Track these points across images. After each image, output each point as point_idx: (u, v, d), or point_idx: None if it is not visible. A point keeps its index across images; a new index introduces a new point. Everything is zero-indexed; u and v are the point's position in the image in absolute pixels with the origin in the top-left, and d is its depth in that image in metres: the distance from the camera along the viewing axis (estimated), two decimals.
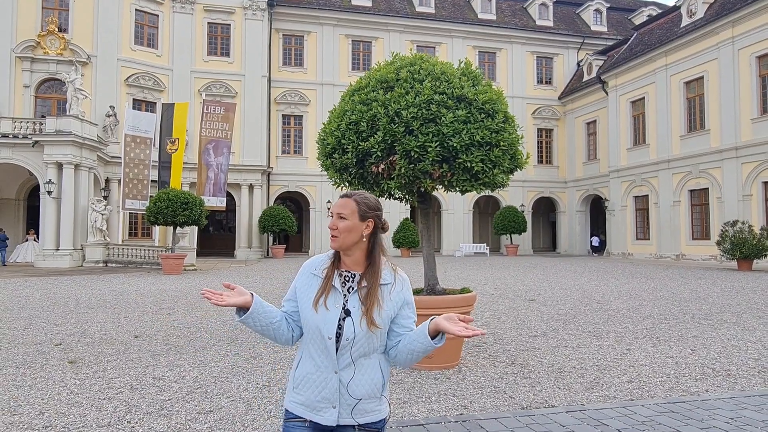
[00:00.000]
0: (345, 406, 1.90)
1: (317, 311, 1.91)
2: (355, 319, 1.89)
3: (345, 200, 1.97)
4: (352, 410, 1.90)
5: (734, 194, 23.15)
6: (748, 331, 8.07)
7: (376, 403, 1.95)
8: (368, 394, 1.92)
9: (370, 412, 1.93)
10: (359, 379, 1.91)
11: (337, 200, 2.01)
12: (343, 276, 1.97)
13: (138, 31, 28.45)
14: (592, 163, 33.99)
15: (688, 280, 16.17)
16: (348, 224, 1.94)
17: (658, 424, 4.16)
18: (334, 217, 1.96)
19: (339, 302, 1.92)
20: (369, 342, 1.91)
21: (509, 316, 9.56)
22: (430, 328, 1.87)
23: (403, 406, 4.69)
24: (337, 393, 1.90)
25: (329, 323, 1.89)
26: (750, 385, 5.29)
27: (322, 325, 1.90)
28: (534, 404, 4.73)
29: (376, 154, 5.40)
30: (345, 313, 1.91)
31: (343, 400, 1.90)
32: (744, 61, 22.99)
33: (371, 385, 1.93)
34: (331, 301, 1.92)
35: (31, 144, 22.09)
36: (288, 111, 32.20)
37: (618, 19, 39.31)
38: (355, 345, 1.89)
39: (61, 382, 5.44)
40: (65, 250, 21.90)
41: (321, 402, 1.91)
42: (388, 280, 1.98)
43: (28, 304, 11.11)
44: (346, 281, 1.97)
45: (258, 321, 1.96)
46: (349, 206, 1.96)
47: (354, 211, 1.95)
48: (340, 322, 1.90)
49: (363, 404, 1.91)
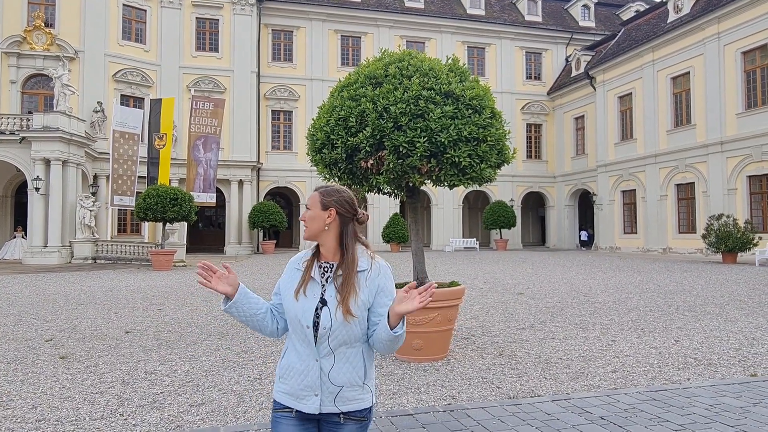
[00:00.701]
0: (327, 394, 1.94)
1: (297, 301, 1.97)
2: (331, 309, 1.93)
3: (312, 193, 2.08)
4: (335, 398, 1.94)
5: (719, 188, 23.46)
6: (730, 321, 8.24)
7: (359, 391, 1.97)
8: (350, 382, 1.95)
9: (352, 400, 1.96)
10: (340, 368, 1.94)
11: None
12: (322, 267, 2.03)
13: (125, 26, 28.22)
14: (580, 157, 34.25)
15: (674, 273, 16.41)
16: (311, 213, 2.03)
17: (640, 412, 4.28)
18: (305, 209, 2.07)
19: (317, 292, 1.97)
20: (347, 331, 1.94)
21: (498, 309, 9.68)
22: (390, 316, 1.90)
23: (393, 396, 4.78)
24: (319, 381, 1.94)
25: (307, 312, 1.94)
26: (730, 374, 5.43)
27: (301, 315, 1.95)
28: (521, 394, 4.84)
29: (364, 149, 5.47)
30: (322, 303, 1.95)
31: (325, 388, 1.94)
32: (729, 57, 23.26)
33: (352, 373, 1.96)
34: (309, 290, 1.98)
35: (18, 140, 21.89)
36: (277, 106, 32.13)
37: (606, 15, 39.56)
38: (332, 334, 1.93)
39: (53, 377, 5.48)
40: (53, 246, 21.76)
41: (304, 390, 1.95)
42: (364, 266, 2.00)
43: (18, 301, 11.07)
44: (324, 272, 2.01)
45: (242, 311, 2.04)
46: (313, 198, 2.06)
47: (316, 201, 2.04)
48: (318, 312, 1.94)
49: (345, 392, 1.95)
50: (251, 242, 30.29)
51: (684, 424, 4.00)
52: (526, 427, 3.98)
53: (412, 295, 1.85)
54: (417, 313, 5.84)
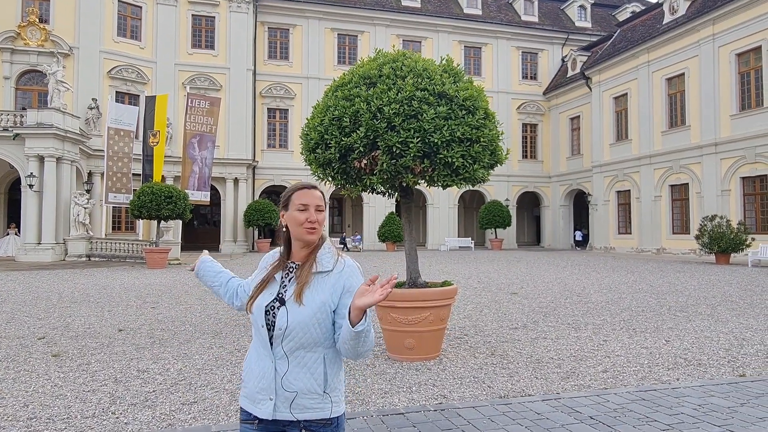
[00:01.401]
0: (282, 399, 1.83)
1: (252, 306, 1.91)
2: (289, 308, 1.83)
3: (315, 191, 1.94)
4: (290, 404, 1.82)
5: (713, 189, 23.58)
6: (721, 322, 8.30)
7: (318, 400, 1.84)
8: (306, 389, 1.82)
9: (310, 409, 1.83)
10: (295, 373, 1.83)
11: (302, 191, 1.93)
12: (288, 267, 1.95)
13: (121, 23, 28.13)
14: (575, 158, 34.36)
15: (667, 273, 16.49)
16: (324, 216, 1.95)
17: (629, 411, 4.32)
18: (312, 210, 1.89)
19: (274, 291, 1.90)
20: (305, 334, 1.82)
21: (491, 308, 9.72)
22: (351, 311, 1.75)
23: (385, 396, 4.80)
24: (274, 384, 1.83)
25: (260, 311, 1.88)
26: (719, 374, 5.48)
27: (256, 314, 1.89)
28: (511, 393, 4.87)
29: (358, 149, 5.48)
30: (279, 302, 1.86)
31: (280, 392, 1.83)
32: (724, 58, 23.38)
33: (310, 380, 1.83)
34: (268, 290, 1.91)
35: (11, 137, 21.79)
36: (273, 105, 32.10)
37: (602, 16, 39.69)
38: (287, 335, 1.82)
39: (45, 375, 5.48)
40: (47, 244, 21.69)
41: (260, 393, 1.86)
42: (327, 267, 1.89)
43: (10, 298, 11.04)
44: (289, 272, 1.93)
45: (203, 278, 2.24)
46: (322, 198, 1.96)
47: (323, 200, 1.95)
48: (274, 311, 1.85)
49: (301, 399, 1.82)
50: (246, 240, 30.26)
51: (672, 424, 4.04)
52: (516, 427, 4.01)
53: (374, 288, 1.71)
54: (410, 313, 5.87)
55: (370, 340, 1.81)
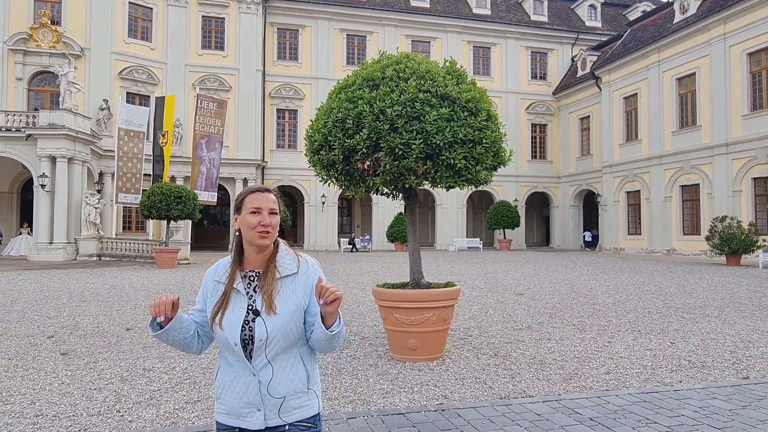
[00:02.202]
0: (270, 407, 1.82)
1: (222, 322, 1.82)
2: (265, 318, 1.80)
3: (268, 194, 1.89)
4: (278, 410, 1.82)
5: (724, 190, 23.38)
6: (728, 324, 8.25)
7: (304, 398, 1.86)
8: (292, 390, 1.84)
9: (298, 408, 1.85)
10: (279, 378, 1.82)
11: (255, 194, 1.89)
12: (247, 276, 1.88)
13: (132, 24, 28.40)
14: (585, 158, 34.19)
15: (676, 274, 16.38)
16: (278, 219, 1.89)
17: (630, 413, 4.32)
18: (265, 213, 1.85)
19: (243, 305, 1.83)
20: (285, 339, 1.82)
21: (497, 309, 9.72)
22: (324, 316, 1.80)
23: (386, 396, 4.83)
24: (259, 395, 1.81)
25: (233, 329, 1.81)
26: (723, 377, 5.45)
27: (228, 334, 1.81)
28: (512, 394, 4.88)
29: (361, 150, 5.52)
30: (254, 314, 1.82)
31: (267, 402, 1.81)
32: (735, 58, 23.17)
33: (294, 381, 1.84)
34: (235, 306, 1.83)
35: (24, 137, 22.08)
36: (282, 105, 32.24)
37: (612, 15, 39.46)
38: (269, 344, 1.80)
39: (53, 373, 5.56)
40: (59, 243, 21.95)
41: (245, 407, 1.83)
42: (292, 269, 1.88)
43: (21, 297, 11.20)
44: (251, 281, 1.87)
45: (172, 337, 1.86)
46: (276, 201, 1.90)
47: (278, 205, 1.91)
48: (251, 324, 1.81)
49: (289, 402, 1.83)
50: None
51: (671, 426, 4.03)
52: (515, 427, 4.02)
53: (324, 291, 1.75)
54: (413, 313, 5.90)
55: (344, 335, 1.86)
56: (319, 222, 32.23)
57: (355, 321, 8.47)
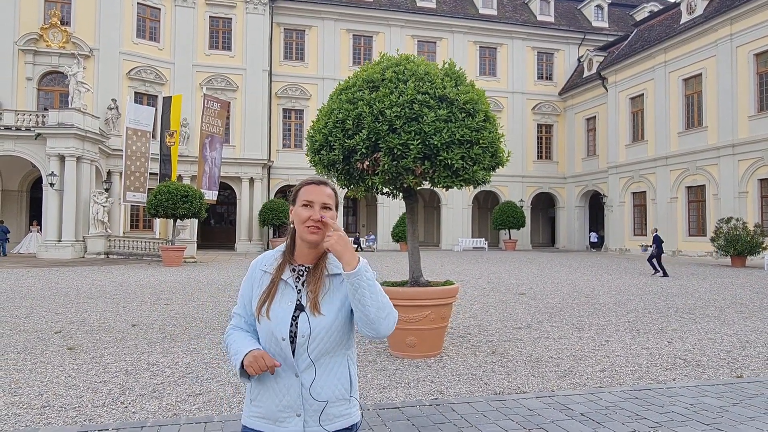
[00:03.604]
0: (311, 413, 1.72)
1: (269, 312, 1.75)
2: (309, 314, 1.73)
3: (324, 188, 1.80)
4: (319, 416, 1.73)
5: (730, 191, 23.31)
6: (727, 324, 8.30)
7: (346, 406, 1.77)
8: (335, 396, 1.75)
9: (339, 417, 1.75)
10: (323, 380, 1.73)
11: (310, 186, 1.81)
12: (296, 270, 1.80)
13: (140, 25, 28.65)
14: (591, 158, 34.15)
15: (680, 275, 16.38)
16: (332, 215, 1.78)
17: (621, 409, 4.41)
18: (317, 208, 1.76)
19: (292, 299, 1.76)
20: (330, 338, 1.74)
21: (497, 308, 9.80)
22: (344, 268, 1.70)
23: (383, 390, 4.94)
24: (300, 399, 1.72)
25: (281, 323, 1.73)
26: (716, 375, 5.52)
27: (274, 326, 1.73)
28: (507, 390, 4.98)
29: (361, 151, 5.64)
30: (299, 309, 1.74)
31: (308, 406, 1.72)
32: (742, 59, 23.10)
33: (338, 385, 1.76)
34: (283, 298, 1.76)
35: (33, 136, 22.35)
36: (289, 105, 32.41)
37: (619, 15, 39.35)
38: (312, 342, 1.72)
39: (60, 366, 5.71)
40: (67, 241, 22.21)
41: (283, 411, 1.73)
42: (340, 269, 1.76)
43: (30, 294, 11.40)
44: (299, 275, 1.80)
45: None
46: (332, 195, 1.81)
47: (334, 199, 1.82)
48: (295, 320, 1.73)
49: (330, 408, 1.74)
50: (261, 239, 30.62)
51: (660, 421, 4.12)
52: (507, 422, 4.12)
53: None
54: (411, 311, 6.00)
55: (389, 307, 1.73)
56: None
57: None
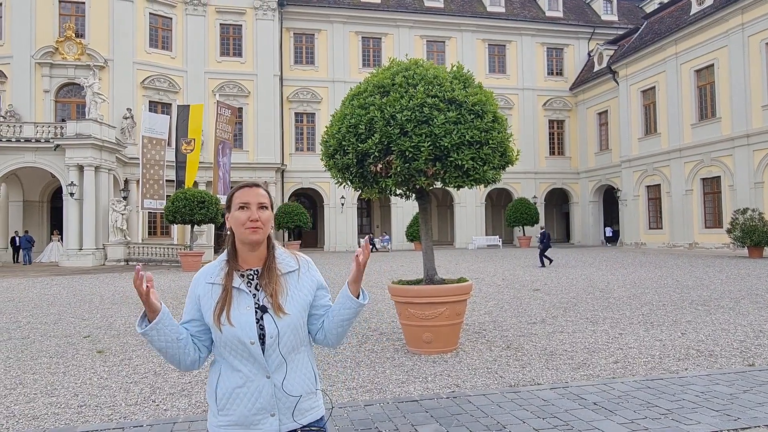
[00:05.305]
0: (284, 410, 1.76)
1: (230, 320, 1.74)
2: (273, 315, 1.76)
3: (258, 189, 1.84)
4: (292, 413, 1.77)
5: (746, 182, 23.14)
6: (742, 315, 8.35)
7: (314, 398, 1.85)
8: (305, 390, 1.81)
9: (309, 410, 1.82)
10: (293, 376, 1.79)
11: (243, 189, 1.83)
12: (245, 276, 1.82)
13: (152, 34, 29.14)
14: (604, 153, 34.02)
15: (696, 268, 16.35)
16: (269, 214, 1.83)
17: (633, 398, 4.53)
18: (254, 208, 1.79)
19: (249, 303, 1.77)
20: (295, 335, 1.80)
21: (512, 304, 9.93)
22: (351, 289, 1.84)
23: (402, 385, 5.12)
24: (274, 398, 1.75)
25: (246, 326, 1.74)
26: (729, 364, 5.62)
27: (241, 332, 1.73)
28: (522, 382, 5.13)
29: (373, 154, 5.82)
30: (261, 311, 1.77)
31: (281, 405, 1.76)
32: (754, 48, 22.92)
33: (306, 380, 1.82)
34: (240, 304, 1.77)
35: (53, 147, 22.87)
36: (300, 109, 32.72)
37: (629, 8, 39.16)
38: (281, 340, 1.76)
39: (92, 369, 5.97)
40: (88, 249, 22.69)
41: (257, 414, 1.74)
42: (293, 266, 1.86)
43: (57, 301, 11.75)
44: (250, 280, 1.82)
45: (164, 334, 1.74)
46: (266, 195, 1.85)
47: (269, 199, 1.85)
48: (260, 322, 1.76)
49: (302, 403, 1.80)
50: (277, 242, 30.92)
51: (671, 408, 4.24)
52: (522, 412, 4.28)
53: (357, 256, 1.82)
54: (426, 308, 6.17)
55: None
56: (339, 223, 32.63)
57: (374, 318, 8.76)
